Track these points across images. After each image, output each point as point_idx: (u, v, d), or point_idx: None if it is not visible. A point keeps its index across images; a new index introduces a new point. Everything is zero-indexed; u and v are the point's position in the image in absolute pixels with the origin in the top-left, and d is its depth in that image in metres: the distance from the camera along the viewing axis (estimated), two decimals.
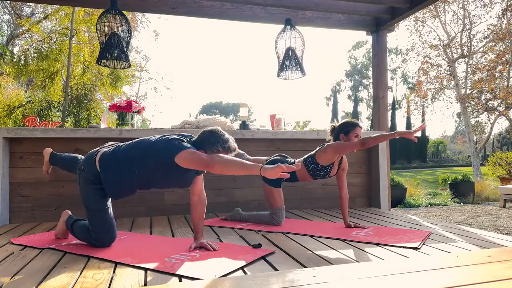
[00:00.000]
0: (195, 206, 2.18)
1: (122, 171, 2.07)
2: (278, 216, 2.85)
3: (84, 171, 2.19)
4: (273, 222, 2.85)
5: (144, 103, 22.91)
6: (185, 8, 3.88)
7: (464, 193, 8.18)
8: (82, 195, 2.20)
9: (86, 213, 2.19)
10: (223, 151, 2.03)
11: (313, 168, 2.75)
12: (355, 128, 2.71)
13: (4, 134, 3.14)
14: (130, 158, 2.07)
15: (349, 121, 2.77)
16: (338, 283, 1.44)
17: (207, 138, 2.05)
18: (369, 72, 35.35)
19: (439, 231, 2.60)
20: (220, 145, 2.03)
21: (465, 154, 33.38)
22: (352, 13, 4.17)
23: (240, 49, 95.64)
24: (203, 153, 1.95)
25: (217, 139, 2.04)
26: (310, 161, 2.77)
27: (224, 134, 2.08)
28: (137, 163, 2.05)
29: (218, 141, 2.03)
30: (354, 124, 2.73)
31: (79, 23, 8.89)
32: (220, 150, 2.02)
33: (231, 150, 2.06)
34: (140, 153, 2.05)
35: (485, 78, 14.42)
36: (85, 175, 2.18)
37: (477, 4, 14.49)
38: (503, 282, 1.41)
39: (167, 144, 2.00)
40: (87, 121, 8.94)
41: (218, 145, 2.03)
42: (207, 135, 2.06)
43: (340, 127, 2.75)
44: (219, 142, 2.03)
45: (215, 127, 2.11)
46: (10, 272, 1.74)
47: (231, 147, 2.06)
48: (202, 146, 2.04)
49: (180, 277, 1.65)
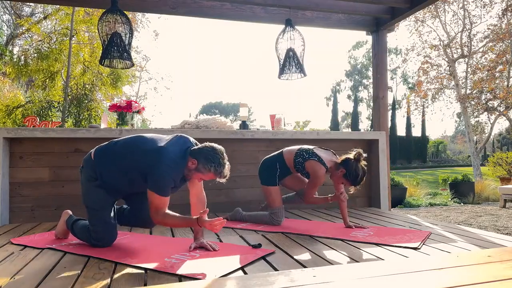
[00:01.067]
0: (194, 206, 2.19)
1: (116, 164, 2.11)
2: (277, 216, 2.85)
3: (84, 168, 2.22)
4: (273, 222, 2.85)
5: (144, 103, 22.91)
6: (185, 8, 3.88)
7: (464, 193, 8.18)
8: (83, 194, 2.22)
9: (87, 212, 2.20)
10: (213, 173, 1.99)
11: (299, 168, 2.85)
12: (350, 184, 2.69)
13: (4, 134, 3.14)
14: (123, 155, 2.10)
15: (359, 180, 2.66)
16: (338, 283, 1.44)
17: (207, 153, 1.99)
18: (369, 72, 35.34)
19: (439, 231, 2.60)
20: (213, 167, 1.97)
21: (465, 154, 33.36)
22: (352, 13, 4.17)
23: (240, 49, 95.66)
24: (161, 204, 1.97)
25: (215, 160, 1.98)
26: (300, 161, 2.82)
27: (224, 159, 2.02)
28: (127, 166, 2.09)
29: (214, 162, 1.97)
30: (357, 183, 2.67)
31: (79, 23, 8.89)
32: (212, 171, 1.98)
33: (221, 176, 2.01)
34: (129, 162, 2.07)
35: (485, 78, 14.41)
36: (85, 172, 2.21)
37: (477, 4, 14.47)
38: (503, 282, 1.41)
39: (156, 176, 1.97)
40: (88, 121, 8.94)
41: (212, 166, 1.97)
42: (209, 150, 2.00)
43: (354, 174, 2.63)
44: (215, 163, 1.97)
45: (222, 148, 2.05)
46: (10, 272, 1.74)
47: (223, 174, 2.01)
48: (197, 158, 2.00)
49: (180, 277, 1.65)
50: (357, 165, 2.64)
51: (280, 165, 2.92)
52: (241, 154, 3.82)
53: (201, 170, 1.99)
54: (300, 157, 2.82)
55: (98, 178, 2.14)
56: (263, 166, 2.99)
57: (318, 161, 2.74)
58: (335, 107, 35.32)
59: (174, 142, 2.08)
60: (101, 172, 2.13)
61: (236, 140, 3.79)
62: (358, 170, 2.63)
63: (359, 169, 2.64)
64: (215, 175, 2.00)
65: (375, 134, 4.08)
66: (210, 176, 2.01)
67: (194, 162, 2.00)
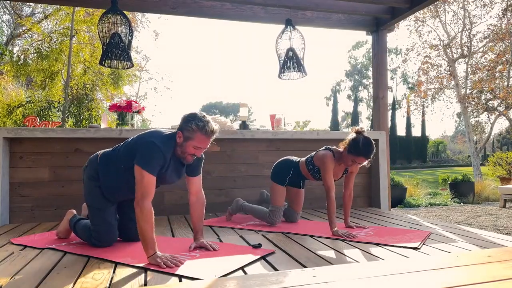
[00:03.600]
0: (193, 205, 2.18)
1: (116, 166, 2.11)
2: (274, 215, 2.84)
3: (88, 167, 2.25)
4: (268, 220, 2.84)
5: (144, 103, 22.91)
6: (185, 8, 3.88)
7: (464, 193, 8.18)
8: (85, 193, 2.24)
9: (89, 211, 2.23)
10: (198, 130, 1.92)
11: (311, 169, 2.83)
12: (359, 157, 2.54)
13: (4, 134, 3.14)
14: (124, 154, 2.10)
15: (362, 148, 2.53)
16: (338, 283, 1.44)
17: (186, 118, 1.97)
18: (369, 72, 35.34)
19: (439, 231, 2.60)
20: (194, 124, 1.92)
21: (465, 154, 33.37)
22: (352, 13, 4.17)
23: (240, 49, 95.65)
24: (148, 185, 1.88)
25: (195, 118, 1.94)
26: (310, 161, 2.84)
27: (205, 117, 1.97)
28: (123, 160, 2.08)
29: (195, 119, 1.93)
30: (364, 153, 2.53)
31: (80, 23, 8.89)
32: (194, 129, 1.92)
33: (206, 131, 1.92)
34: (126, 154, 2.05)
35: (485, 78, 14.41)
36: (88, 171, 2.23)
37: (477, 4, 14.47)
38: (503, 282, 1.41)
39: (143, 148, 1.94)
40: (88, 121, 8.95)
41: (193, 123, 1.92)
42: (186, 116, 1.98)
43: (354, 144, 2.55)
44: (195, 120, 1.93)
45: (202, 112, 2.02)
46: (10, 272, 1.75)
47: (209, 128, 1.93)
48: (180, 128, 1.97)
49: (180, 277, 1.65)
50: (359, 138, 2.55)
51: (294, 172, 2.92)
52: (241, 154, 3.82)
53: (188, 136, 1.94)
54: (310, 157, 2.86)
55: (100, 179, 2.17)
56: (280, 163, 3.00)
57: (323, 149, 2.78)
58: (335, 107, 35.33)
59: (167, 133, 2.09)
60: (103, 174, 2.16)
61: (236, 140, 3.79)
62: (367, 139, 2.55)
63: (366, 139, 2.55)
64: (201, 132, 1.92)
65: (375, 134, 4.08)
66: (200, 138, 1.93)
67: (180, 135, 1.96)
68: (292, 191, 3.00)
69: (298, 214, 3.03)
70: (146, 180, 1.88)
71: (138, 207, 1.85)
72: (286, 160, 3.01)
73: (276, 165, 3.01)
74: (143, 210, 1.84)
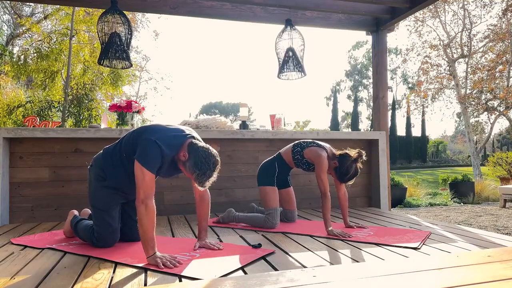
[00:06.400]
0: (197, 205, 2.19)
1: (120, 158, 2.12)
2: (272, 217, 2.74)
3: (93, 166, 2.24)
4: (267, 224, 2.73)
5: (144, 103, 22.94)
6: (185, 8, 3.88)
7: (464, 193, 8.18)
8: (90, 194, 2.24)
9: (92, 212, 2.22)
10: (194, 179, 1.92)
11: (298, 159, 2.84)
12: (339, 178, 2.66)
13: (4, 134, 3.14)
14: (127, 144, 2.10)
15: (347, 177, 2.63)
16: (338, 283, 1.44)
17: (200, 156, 1.90)
18: (369, 72, 35.35)
19: (439, 231, 2.60)
20: (196, 174, 1.90)
21: (465, 154, 33.36)
22: (352, 13, 4.17)
23: (240, 49, 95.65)
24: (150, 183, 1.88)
25: (202, 168, 1.88)
26: (298, 151, 2.83)
27: (213, 171, 1.92)
28: (125, 149, 2.08)
29: (200, 170, 1.88)
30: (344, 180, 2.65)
31: (79, 23, 8.89)
32: (193, 176, 1.91)
33: (200, 185, 1.92)
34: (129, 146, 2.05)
35: (485, 78, 14.41)
36: (94, 171, 2.23)
37: (477, 4, 14.48)
38: (503, 282, 1.41)
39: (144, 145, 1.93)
40: (88, 121, 8.95)
41: (196, 172, 1.89)
42: (203, 155, 1.90)
43: (346, 168, 2.60)
44: (200, 172, 1.89)
45: (217, 159, 1.94)
46: (10, 272, 1.74)
47: (202, 184, 1.91)
48: (189, 154, 1.94)
49: (180, 277, 1.65)
50: (352, 164, 2.60)
51: (278, 164, 2.93)
52: (241, 154, 3.82)
53: (186, 167, 1.94)
54: (298, 147, 2.83)
55: (107, 175, 2.16)
56: (261, 169, 2.98)
57: (317, 146, 2.76)
58: (335, 107, 35.33)
59: (175, 128, 2.07)
60: (108, 168, 2.15)
61: (236, 140, 3.79)
62: (350, 168, 2.60)
63: (351, 168, 2.60)
64: (194, 180, 1.92)
65: (375, 134, 4.08)
66: (193, 178, 1.94)
67: (185, 156, 1.94)
68: (282, 193, 3.00)
69: (294, 212, 3.02)
70: (147, 178, 1.89)
71: (143, 206, 1.85)
72: (264, 163, 3.01)
73: (259, 172, 2.97)
74: (148, 208, 1.85)
